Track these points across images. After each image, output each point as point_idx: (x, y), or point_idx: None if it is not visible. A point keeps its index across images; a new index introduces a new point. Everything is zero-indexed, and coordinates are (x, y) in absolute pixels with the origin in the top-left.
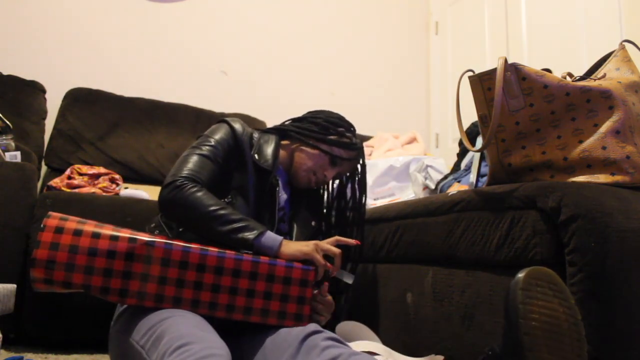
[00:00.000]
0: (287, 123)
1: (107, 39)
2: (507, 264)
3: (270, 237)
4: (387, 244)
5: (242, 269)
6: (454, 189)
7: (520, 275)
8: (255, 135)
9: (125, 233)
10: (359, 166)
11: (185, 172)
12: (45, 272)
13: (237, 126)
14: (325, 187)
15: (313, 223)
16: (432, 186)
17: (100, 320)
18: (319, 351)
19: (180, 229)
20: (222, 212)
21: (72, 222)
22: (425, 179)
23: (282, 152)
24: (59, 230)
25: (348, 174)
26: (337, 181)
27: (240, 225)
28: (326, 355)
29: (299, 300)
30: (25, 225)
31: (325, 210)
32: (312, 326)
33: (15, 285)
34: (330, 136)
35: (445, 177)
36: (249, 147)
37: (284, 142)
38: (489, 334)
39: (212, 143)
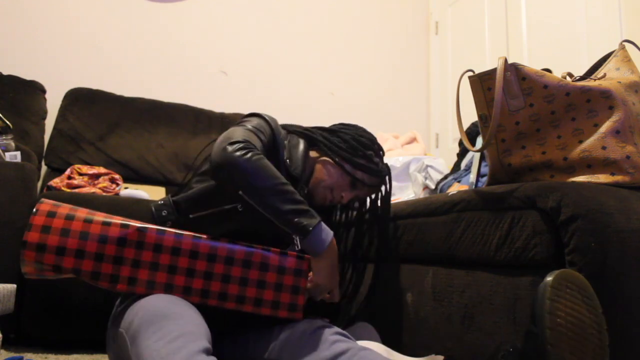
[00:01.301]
0: (315, 130)
1: (107, 39)
2: (507, 264)
3: (325, 230)
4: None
5: (235, 257)
6: (454, 189)
7: (553, 274)
8: (283, 133)
9: (117, 219)
10: (383, 189)
11: (244, 138)
12: (36, 255)
13: (273, 121)
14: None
15: None
16: (432, 186)
17: (100, 320)
18: (327, 345)
19: (191, 215)
20: (288, 188)
21: (65, 208)
22: (425, 179)
23: (307, 166)
24: (51, 214)
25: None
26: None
27: (304, 208)
28: (335, 349)
29: (293, 290)
30: (25, 226)
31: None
32: (320, 321)
33: (15, 285)
34: (357, 158)
35: (445, 177)
36: (282, 146)
37: (310, 151)
38: (489, 334)
39: (256, 125)
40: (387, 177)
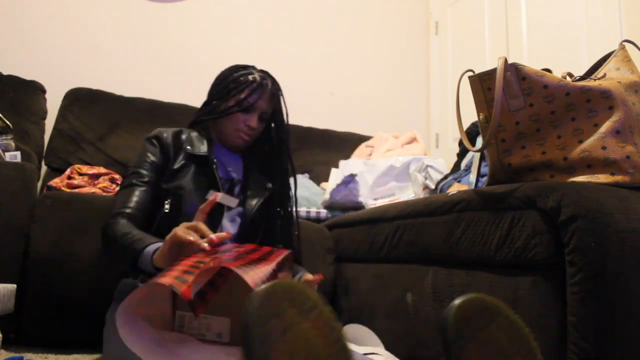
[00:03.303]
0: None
1: (107, 39)
2: (507, 264)
3: (152, 247)
4: (387, 244)
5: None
6: (454, 189)
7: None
8: (183, 131)
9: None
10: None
11: (115, 209)
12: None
13: (155, 133)
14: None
15: (269, 185)
16: (432, 186)
17: (101, 320)
18: None
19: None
20: (124, 241)
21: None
22: (425, 179)
23: (213, 133)
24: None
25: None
26: None
27: (134, 242)
28: None
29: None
30: (25, 225)
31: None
32: None
33: (15, 285)
34: (224, 94)
35: (445, 177)
36: (180, 144)
37: (210, 127)
38: None
39: (137, 169)
40: (267, 78)
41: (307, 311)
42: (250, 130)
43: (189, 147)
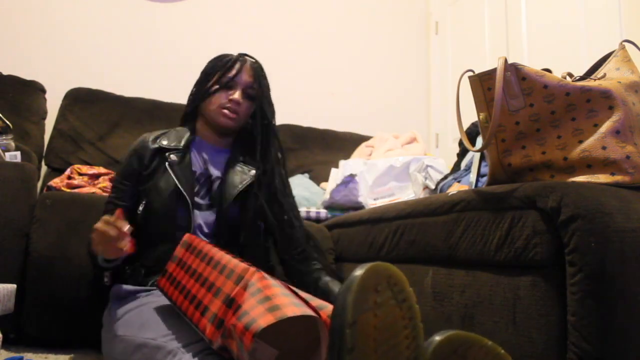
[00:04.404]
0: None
1: (107, 39)
2: (507, 264)
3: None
4: (387, 244)
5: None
6: (454, 189)
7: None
8: (169, 130)
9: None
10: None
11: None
12: None
13: (138, 140)
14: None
15: (253, 172)
16: (432, 186)
17: (100, 321)
18: None
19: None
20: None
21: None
22: (425, 179)
23: (199, 126)
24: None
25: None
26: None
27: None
28: None
29: None
30: (25, 226)
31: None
32: None
33: (15, 285)
34: (209, 78)
35: (445, 177)
36: (157, 143)
37: (198, 119)
38: (489, 334)
39: (119, 183)
40: (245, 56)
41: (401, 300)
42: (235, 106)
43: (164, 142)
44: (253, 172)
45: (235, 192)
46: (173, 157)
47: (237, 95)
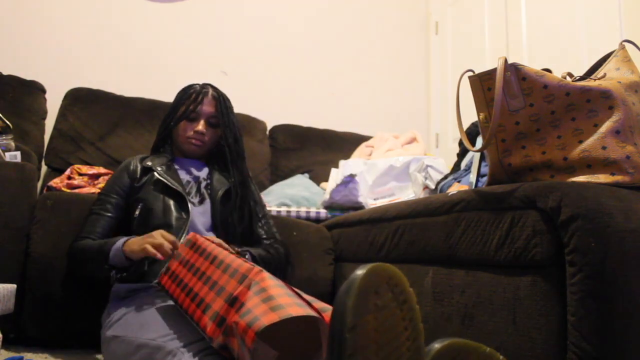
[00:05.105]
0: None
1: (107, 39)
2: (507, 264)
3: (120, 242)
4: (387, 244)
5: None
6: (454, 189)
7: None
8: (148, 156)
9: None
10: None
11: (81, 234)
12: None
13: (124, 163)
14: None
15: (230, 180)
16: (432, 186)
17: (100, 321)
18: None
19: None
20: (93, 254)
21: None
22: (425, 179)
23: (174, 149)
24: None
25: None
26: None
27: (104, 248)
28: None
29: None
30: (25, 226)
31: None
32: None
33: (15, 285)
34: (175, 110)
35: (445, 177)
36: (144, 164)
37: (172, 145)
38: (489, 334)
39: (105, 196)
40: (207, 87)
41: (401, 302)
42: (199, 136)
43: (149, 163)
44: (231, 180)
45: (224, 187)
46: (160, 169)
47: (200, 126)
